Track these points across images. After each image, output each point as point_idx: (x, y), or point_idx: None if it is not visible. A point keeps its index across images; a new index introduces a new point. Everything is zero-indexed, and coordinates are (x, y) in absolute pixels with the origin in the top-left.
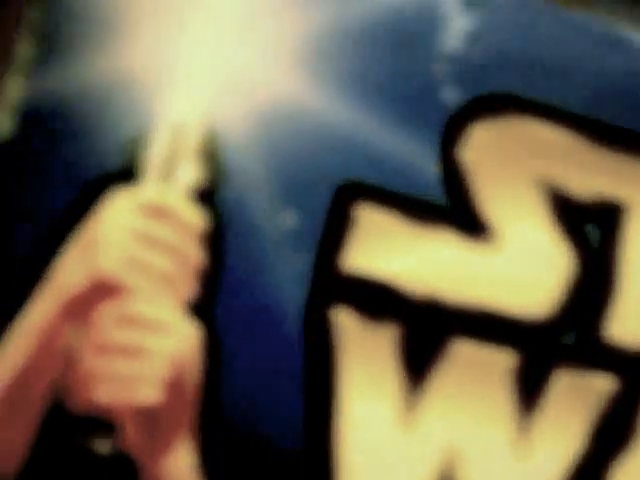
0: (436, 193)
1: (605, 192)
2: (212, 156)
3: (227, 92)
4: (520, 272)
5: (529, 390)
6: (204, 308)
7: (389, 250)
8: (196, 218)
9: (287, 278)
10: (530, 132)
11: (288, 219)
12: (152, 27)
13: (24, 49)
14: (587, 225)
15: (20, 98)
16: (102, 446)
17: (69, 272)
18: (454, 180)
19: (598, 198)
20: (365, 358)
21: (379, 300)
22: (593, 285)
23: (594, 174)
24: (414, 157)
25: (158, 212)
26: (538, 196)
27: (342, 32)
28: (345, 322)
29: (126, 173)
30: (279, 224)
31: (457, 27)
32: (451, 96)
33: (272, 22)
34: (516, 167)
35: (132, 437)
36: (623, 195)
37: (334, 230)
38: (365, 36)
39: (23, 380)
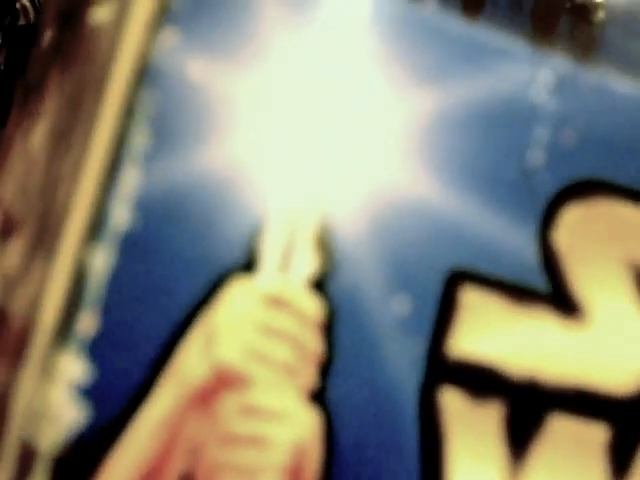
0: (535, 277)
1: None
2: (326, 246)
3: (339, 180)
4: (611, 350)
5: (622, 462)
6: (319, 396)
7: (493, 333)
8: (314, 308)
9: (399, 364)
10: (617, 214)
11: (399, 306)
12: (266, 115)
13: (138, 139)
14: None
15: (136, 189)
16: None
17: (191, 363)
18: (550, 263)
19: None
20: (471, 436)
21: (483, 381)
22: None
23: None
24: (515, 242)
25: (277, 302)
26: (626, 276)
27: (443, 118)
28: (453, 403)
29: (244, 263)
30: (390, 311)
31: (546, 113)
32: (545, 182)
33: (382, 113)
34: (605, 249)
35: None
36: None
37: (443, 315)
38: (465, 122)
39: (150, 474)
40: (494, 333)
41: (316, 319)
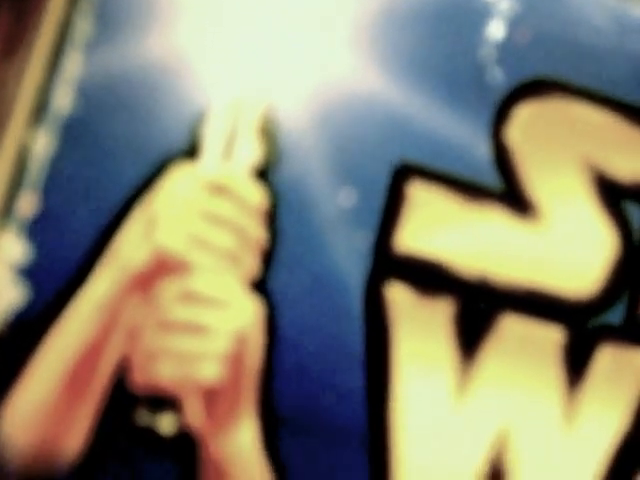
0: (487, 174)
1: None
2: (270, 135)
3: (285, 72)
4: (565, 251)
5: (576, 365)
6: (261, 285)
7: (442, 228)
8: (256, 196)
9: (344, 256)
10: (573, 114)
11: (345, 198)
12: (212, 5)
13: (81, 26)
14: (629, 205)
15: (78, 75)
16: (165, 425)
17: (131, 248)
18: (503, 161)
19: (638, 179)
20: (419, 333)
21: (432, 277)
22: (635, 263)
23: (635, 154)
24: (466, 139)
25: (219, 189)
26: (582, 177)
27: (393, 15)
28: (400, 298)
29: (187, 150)
30: (337, 203)
31: (501, 9)
32: (497, 79)
33: (329, 3)
34: (560, 148)
35: (194, 415)
36: None
37: (390, 209)
38: (415, 19)
39: (86, 355)
40: (443, 229)
41: (259, 207)
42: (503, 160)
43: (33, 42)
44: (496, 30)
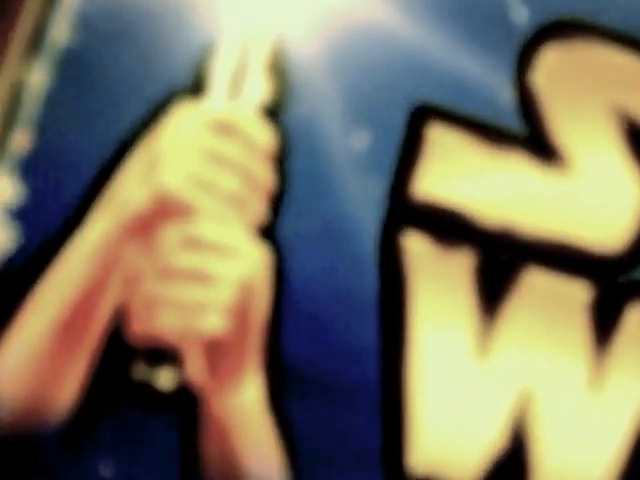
0: (510, 117)
1: None
2: (281, 72)
3: (296, 5)
4: (593, 202)
5: (604, 324)
6: (270, 231)
7: (463, 175)
8: (265, 136)
9: (358, 202)
10: (600, 58)
11: (359, 140)
12: None
13: None
14: None
15: (78, 3)
16: (164, 380)
17: (131, 189)
18: (527, 106)
19: None
20: (438, 286)
21: (452, 226)
22: None
23: None
24: (488, 80)
25: (226, 129)
26: (610, 123)
27: None
28: (417, 247)
29: (192, 87)
30: (350, 145)
31: None
32: (521, 17)
33: None
34: (587, 94)
35: (195, 369)
36: None
37: (407, 153)
38: None
39: (81, 302)
40: (464, 175)
41: (267, 149)
42: (527, 104)
43: None
44: None
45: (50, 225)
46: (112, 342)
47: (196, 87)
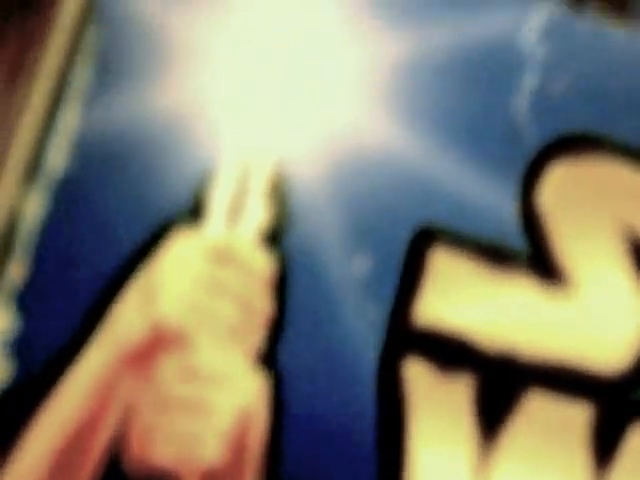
0: (514, 236)
1: None
2: (280, 197)
3: (298, 129)
4: (596, 323)
5: (606, 447)
6: (268, 357)
7: (465, 299)
8: (264, 264)
9: (358, 327)
10: (607, 174)
11: (360, 265)
12: (220, 56)
13: (80, 77)
14: None
15: (76, 129)
16: None
17: (128, 320)
18: (532, 224)
19: None
20: (438, 412)
21: (453, 352)
22: None
23: None
24: (493, 199)
25: (224, 257)
26: (615, 242)
27: (420, 66)
28: (418, 374)
29: (190, 213)
30: (350, 270)
31: (535, 60)
32: (529, 135)
33: (347, 56)
34: (593, 211)
35: None
36: None
37: (408, 277)
38: (443, 70)
39: (79, 433)
40: (466, 299)
41: (266, 276)
42: (532, 223)
43: (29, 94)
44: (530, 82)
45: (46, 355)
46: (110, 471)
47: (195, 213)
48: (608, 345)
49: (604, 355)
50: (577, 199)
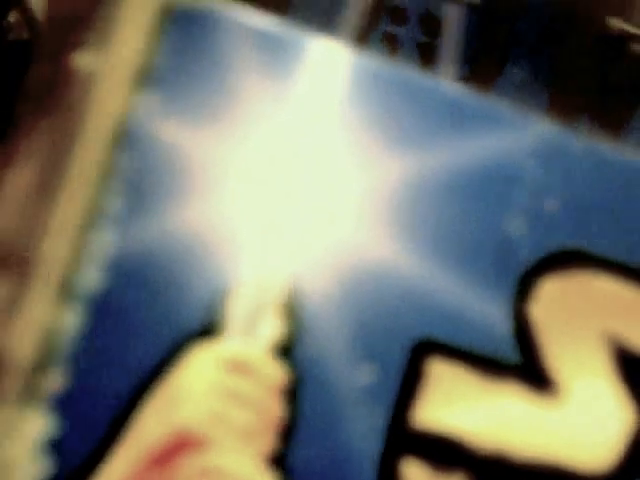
0: (506, 348)
1: None
2: (292, 312)
3: (308, 249)
4: (583, 427)
5: None
6: (281, 460)
7: (460, 405)
8: (277, 373)
9: (362, 433)
10: (598, 288)
11: (365, 374)
12: (236, 180)
13: (112, 201)
14: None
15: (108, 251)
16: None
17: (150, 426)
18: (523, 336)
19: None
20: None
21: (448, 453)
22: None
23: None
24: (487, 314)
25: (240, 367)
26: (603, 351)
27: (420, 186)
28: (415, 474)
29: (209, 327)
30: (356, 379)
31: (530, 180)
32: (523, 251)
33: (354, 179)
34: (583, 323)
35: None
36: None
37: (408, 385)
38: (441, 190)
39: None
40: (460, 405)
41: (279, 384)
42: (524, 335)
43: (59, 212)
44: (524, 200)
45: (78, 459)
46: None
47: (213, 327)
48: (594, 448)
49: (590, 457)
50: (567, 312)
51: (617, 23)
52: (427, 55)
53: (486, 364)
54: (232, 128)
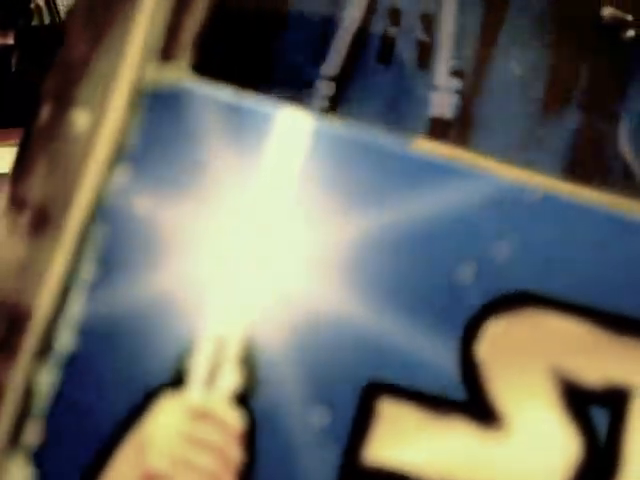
0: (454, 388)
1: (613, 378)
2: (250, 362)
3: (264, 303)
4: (529, 461)
5: None
6: None
7: (409, 442)
8: (235, 420)
9: (316, 473)
10: (543, 324)
11: (319, 417)
12: (201, 245)
13: (86, 269)
14: (595, 410)
15: (81, 315)
16: None
17: (122, 471)
18: (471, 375)
19: (606, 384)
20: None
21: None
22: (599, 470)
23: (602, 361)
24: (435, 355)
25: (202, 415)
26: (548, 384)
27: (377, 239)
28: None
29: (175, 381)
30: (310, 422)
31: (483, 229)
32: (472, 296)
33: (309, 236)
34: (528, 358)
35: None
36: (630, 381)
37: (361, 425)
38: (397, 242)
39: None
40: (410, 442)
41: (238, 431)
42: (471, 374)
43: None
44: (475, 248)
45: None
46: None
47: (178, 380)
48: (539, 478)
49: None
50: (514, 350)
51: (610, 10)
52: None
53: (434, 403)
54: (199, 199)
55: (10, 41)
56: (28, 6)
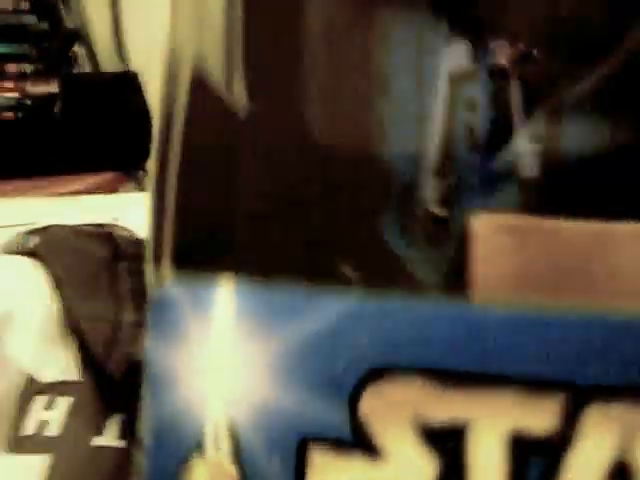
0: (348, 434)
1: (455, 416)
2: (235, 434)
3: (232, 395)
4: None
5: None
6: None
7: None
8: (235, 471)
9: None
10: (407, 386)
11: (275, 466)
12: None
13: None
14: (446, 441)
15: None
16: None
17: None
18: (359, 425)
19: (452, 421)
20: None
21: None
22: None
23: (449, 405)
24: (332, 417)
25: (218, 466)
26: (413, 425)
27: (300, 346)
28: None
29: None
30: (271, 471)
31: (347, 343)
32: (349, 381)
33: (248, 345)
34: (399, 410)
35: None
36: (468, 417)
37: (299, 472)
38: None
39: None
40: (322, 477)
41: (236, 478)
42: (359, 424)
43: None
44: (345, 360)
45: None
46: None
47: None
48: None
49: None
50: (387, 404)
51: None
52: None
53: (338, 446)
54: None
55: (54, 89)
56: (68, 54)
